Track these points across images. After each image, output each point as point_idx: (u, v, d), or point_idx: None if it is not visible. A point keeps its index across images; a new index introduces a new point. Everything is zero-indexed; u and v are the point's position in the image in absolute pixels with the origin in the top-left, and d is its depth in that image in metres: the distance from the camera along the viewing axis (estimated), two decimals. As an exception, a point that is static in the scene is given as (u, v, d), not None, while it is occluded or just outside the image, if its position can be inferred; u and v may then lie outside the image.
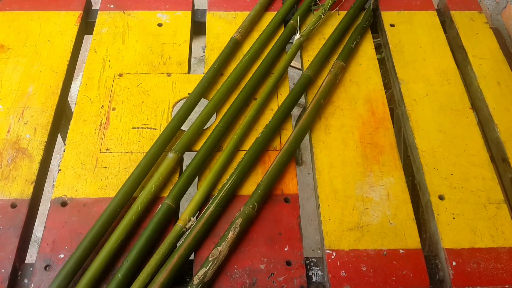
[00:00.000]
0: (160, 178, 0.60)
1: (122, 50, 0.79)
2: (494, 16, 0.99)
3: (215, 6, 0.87)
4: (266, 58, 0.75)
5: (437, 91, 0.74)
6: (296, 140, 0.65)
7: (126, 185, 0.60)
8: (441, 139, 0.69)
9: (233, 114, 0.68)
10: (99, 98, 0.72)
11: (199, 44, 1.70)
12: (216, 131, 0.65)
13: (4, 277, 0.54)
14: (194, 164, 0.62)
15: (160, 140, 0.64)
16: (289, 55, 0.75)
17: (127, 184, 0.60)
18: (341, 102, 0.73)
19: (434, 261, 0.59)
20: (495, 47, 0.81)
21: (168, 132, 0.65)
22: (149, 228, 0.56)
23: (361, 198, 0.62)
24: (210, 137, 0.65)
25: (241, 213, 0.58)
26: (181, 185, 0.60)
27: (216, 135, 0.65)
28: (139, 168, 0.61)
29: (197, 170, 0.62)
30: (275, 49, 0.76)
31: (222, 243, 0.55)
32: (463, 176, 0.65)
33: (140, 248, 0.54)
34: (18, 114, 0.69)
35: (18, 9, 0.84)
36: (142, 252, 0.54)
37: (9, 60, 0.76)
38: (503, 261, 0.57)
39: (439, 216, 0.61)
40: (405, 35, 0.83)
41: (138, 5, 0.86)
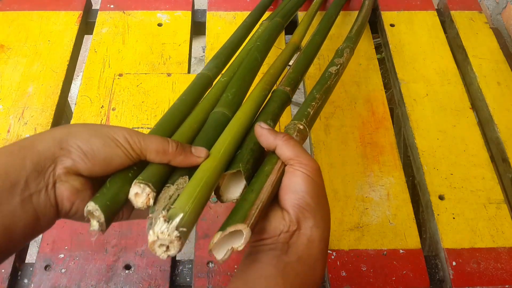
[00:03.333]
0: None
1: (122, 50, 0.79)
2: (494, 16, 0.99)
3: (215, 6, 0.87)
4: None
5: (437, 91, 0.74)
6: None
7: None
8: (441, 139, 0.69)
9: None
10: (99, 98, 0.72)
11: (199, 44, 1.70)
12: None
13: (4, 277, 0.54)
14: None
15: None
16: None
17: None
18: (341, 102, 0.73)
19: (434, 261, 0.59)
20: (495, 47, 0.81)
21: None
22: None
23: (361, 198, 0.62)
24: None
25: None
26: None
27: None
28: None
29: None
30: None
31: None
32: (463, 176, 0.65)
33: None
34: (18, 114, 0.69)
35: (18, 9, 0.84)
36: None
37: (9, 60, 0.76)
38: (503, 261, 0.57)
39: (439, 216, 0.61)
40: (405, 35, 0.83)
41: (138, 5, 0.86)
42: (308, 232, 0.35)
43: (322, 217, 0.36)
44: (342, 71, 0.59)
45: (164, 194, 0.36)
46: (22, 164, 0.33)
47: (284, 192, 0.37)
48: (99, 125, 0.37)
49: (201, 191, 0.35)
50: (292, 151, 0.38)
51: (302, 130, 0.45)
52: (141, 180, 0.35)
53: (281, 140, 0.39)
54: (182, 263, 0.58)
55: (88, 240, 0.57)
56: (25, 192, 0.33)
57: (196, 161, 0.38)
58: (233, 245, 0.35)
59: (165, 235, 0.32)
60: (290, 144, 0.39)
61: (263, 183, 0.38)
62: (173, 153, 0.37)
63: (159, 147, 0.36)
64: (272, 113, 0.47)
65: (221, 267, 0.55)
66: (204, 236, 0.58)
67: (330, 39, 0.81)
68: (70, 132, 0.35)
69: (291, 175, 0.37)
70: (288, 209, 0.36)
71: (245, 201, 0.37)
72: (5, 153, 0.33)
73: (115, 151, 0.35)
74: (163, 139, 0.37)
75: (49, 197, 0.34)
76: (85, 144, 0.34)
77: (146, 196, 0.35)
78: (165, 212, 0.33)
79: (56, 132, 0.35)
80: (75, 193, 0.34)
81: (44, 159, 0.33)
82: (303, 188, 0.36)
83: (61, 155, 0.34)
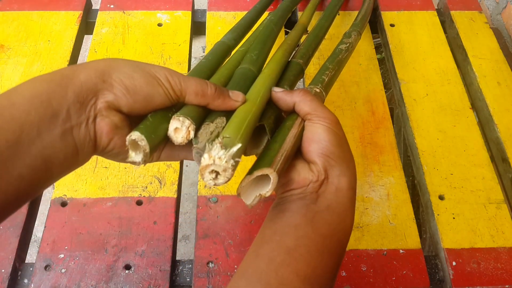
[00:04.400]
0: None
1: (122, 50, 0.79)
2: (494, 16, 0.99)
3: (215, 6, 0.87)
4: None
5: (437, 91, 0.74)
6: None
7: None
8: (441, 139, 0.68)
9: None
10: (99, 98, 0.71)
11: (199, 44, 1.70)
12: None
13: (4, 277, 0.54)
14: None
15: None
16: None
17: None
18: (341, 102, 0.73)
19: (434, 261, 0.59)
20: (495, 47, 0.81)
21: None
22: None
23: (361, 198, 0.62)
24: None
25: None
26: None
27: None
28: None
29: None
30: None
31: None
32: (463, 176, 0.65)
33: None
34: (18, 114, 0.69)
35: (18, 9, 0.84)
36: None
37: (9, 60, 0.76)
38: (503, 261, 0.57)
39: (439, 216, 0.61)
40: (405, 35, 0.83)
41: (138, 5, 0.86)
42: (335, 180, 0.35)
43: (348, 166, 0.36)
44: (352, 49, 0.61)
45: (205, 130, 0.36)
46: (64, 93, 0.32)
47: (307, 144, 0.37)
48: (140, 62, 0.36)
49: (247, 128, 0.35)
50: (310, 106, 0.39)
51: (318, 93, 0.46)
52: (180, 114, 0.35)
53: (298, 97, 0.40)
54: (182, 263, 0.58)
55: (88, 240, 0.57)
56: (66, 123, 0.32)
57: (234, 105, 0.38)
58: (260, 191, 0.35)
59: (222, 161, 0.32)
60: (308, 99, 0.39)
61: (286, 135, 0.38)
62: (212, 95, 0.36)
63: (198, 88, 0.36)
64: (288, 80, 0.48)
65: (221, 267, 0.55)
66: (204, 236, 0.58)
67: (330, 39, 0.81)
68: (113, 65, 0.34)
69: (312, 127, 0.38)
70: (315, 159, 0.36)
71: (269, 149, 0.37)
72: (46, 81, 0.32)
73: (157, 90, 0.34)
74: (203, 81, 0.37)
75: (89, 131, 0.33)
76: (128, 79, 0.34)
77: (186, 129, 0.35)
78: (220, 139, 0.33)
79: (99, 64, 0.34)
80: (114, 129, 0.34)
81: (86, 91, 0.32)
82: (326, 138, 0.36)
83: (103, 88, 0.33)
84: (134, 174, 0.63)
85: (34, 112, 0.30)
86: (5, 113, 0.30)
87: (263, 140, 0.40)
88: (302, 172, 0.36)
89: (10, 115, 0.30)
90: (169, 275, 0.55)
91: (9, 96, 0.31)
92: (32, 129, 0.30)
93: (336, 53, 0.58)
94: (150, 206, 0.60)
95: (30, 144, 0.30)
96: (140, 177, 0.63)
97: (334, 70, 0.54)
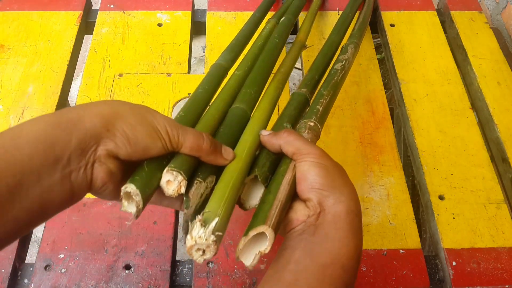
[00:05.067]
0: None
1: (122, 50, 0.79)
2: (494, 16, 0.99)
3: (215, 6, 0.87)
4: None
5: (437, 91, 0.74)
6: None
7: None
8: (441, 139, 0.68)
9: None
10: (99, 98, 0.72)
11: (199, 44, 1.70)
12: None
13: (4, 277, 0.54)
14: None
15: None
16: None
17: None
18: (341, 102, 0.73)
19: (434, 261, 0.59)
20: (495, 47, 0.81)
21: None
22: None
23: (361, 198, 0.62)
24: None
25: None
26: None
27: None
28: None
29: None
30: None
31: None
32: (463, 176, 0.65)
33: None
34: (18, 114, 0.69)
35: (18, 9, 0.84)
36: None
37: (9, 60, 0.76)
38: (503, 261, 0.57)
39: (439, 216, 0.61)
40: (405, 35, 0.83)
41: (138, 5, 0.86)
42: (331, 209, 0.36)
43: (342, 192, 0.36)
44: (349, 66, 0.60)
45: (196, 190, 0.37)
46: (67, 140, 0.32)
47: (299, 184, 0.38)
48: (143, 110, 0.37)
49: (230, 194, 0.36)
50: (294, 146, 0.39)
51: (313, 127, 0.46)
52: (174, 168, 0.36)
53: (281, 139, 0.40)
54: (182, 263, 0.58)
55: (88, 240, 0.57)
56: (66, 168, 0.32)
57: (224, 163, 0.39)
58: (260, 249, 0.35)
59: (203, 239, 0.33)
60: (291, 139, 0.40)
61: (280, 183, 0.38)
62: (206, 151, 0.37)
63: (195, 144, 0.37)
64: (288, 116, 0.48)
65: (221, 267, 0.55)
66: (204, 236, 0.58)
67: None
68: (119, 113, 0.35)
69: (300, 167, 0.38)
70: (308, 196, 0.37)
71: (263, 203, 0.37)
72: (51, 124, 0.32)
73: (156, 143, 0.35)
74: (199, 136, 0.38)
75: (86, 176, 0.34)
76: (131, 131, 0.34)
77: (178, 184, 0.36)
78: (201, 216, 0.34)
79: (105, 110, 0.34)
80: (109, 174, 0.35)
81: (89, 138, 0.33)
82: (313, 173, 0.37)
83: (105, 136, 0.34)
84: (134, 174, 0.63)
85: (37, 157, 0.31)
86: (8, 156, 0.30)
87: (260, 189, 0.41)
88: (299, 211, 0.37)
89: (13, 158, 0.30)
90: (169, 275, 0.55)
91: (14, 136, 0.31)
92: (33, 174, 0.31)
93: (331, 75, 0.56)
94: (150, 206, 0.60)
95: (29, 188, 0.31)
96: (140, 177, 0.63)
97: (329, 96, 0.52)
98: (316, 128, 0.46)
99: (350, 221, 0.35)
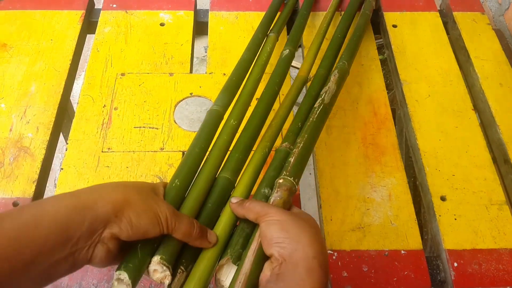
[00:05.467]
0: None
1: (124, 49, 0.79)
2: (496, 17, 0.99)
3: (217, 6, 0.87)
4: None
5: (439, 92, 0.74)
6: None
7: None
8: (443, 140, 0.68)
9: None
10: (101, 97, 0.72)
11: (201, 44, 1.70)
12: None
13: (5, 275, 0.54)
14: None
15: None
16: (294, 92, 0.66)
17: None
18: (343, 102, 0.73)
19: (435, 262, 0.59)
20: (498, 49, 0.81)
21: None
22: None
23: (363, 199, 0.62)
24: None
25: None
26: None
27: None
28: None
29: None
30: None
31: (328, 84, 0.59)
32: (465, 177, 0.65)
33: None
34: (21, 113, 0.69)
35: (21, 8, 0.84)
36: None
37: (12, 59, 0.76)
38: (505, 262, 0.57)
39: (441, 217, 0.61)
40: (407, 36, 0.83)
41: (141, 5, 0.86)
42: (291, 259, 0.39)
43: (298, 241, 0.39)
44: (332, 96, 0.58)
45: (177, 281, 0.41)
46: (81, 223, 0.36)
47: (263, 244, 0.41)
48: (150, 197, 0.41)
49: (203, 281, 0.41)
50: (253, 213, 0.43)
51: (282, 183, 0.47)
52: (164, 261, 0.40)
53: (244, 209, 0.44)
54: (183, 262, 0.58)
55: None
56: (74, 247, 0.36)
57: (208, 246, 0.43)
58: None
59: None
60: (250, 207, 0.44)
61: (245, 255, 0.41)
62: (195, 237, 0.42)
63: (186, 231, 0.41)
64: (268, 178, 0.49)
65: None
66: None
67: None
68: (129, 202, 0.39)
69: (260, 230, 0.42)
70: (270, 252, 0.40)
71: (233, 280, 0.41)
72: (67, 208, 0.36)
73: (155, 229, 0.39)
74: (191, 224, 0.42)
75: (88, 253, 0.37)
76: (136, 218, 0.38)
77: (163, 276, 0.40)
78: None
79: (117, 197, 0.38)
80: (108, 253, 0.38)
81: (99, 222, 0.37)
82: (269, 230, 0.41)
83: (113, 221, 0.38)
84: (136, 174, 0.63)
85: (52, 237, 0.35)
86: (29, 234, 0.34)
87: (235, 268, 0.43)
88: (266, 268, 0.41)
89: (32, 237, 0.34)
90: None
91: (36, 214, 0.35)
92: (47, 252, 0.35)
93: (304, 112, 0.57)
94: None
95: (41, 263, 0.34)
96: (142, 176, 0.63)
97: (302, 142, 0.51)
98: (286, 182, 0.46)
99: (307, 265, 0.38)
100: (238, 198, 0.46)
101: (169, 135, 0.68)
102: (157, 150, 0.66)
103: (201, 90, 0.74)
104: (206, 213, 0.47)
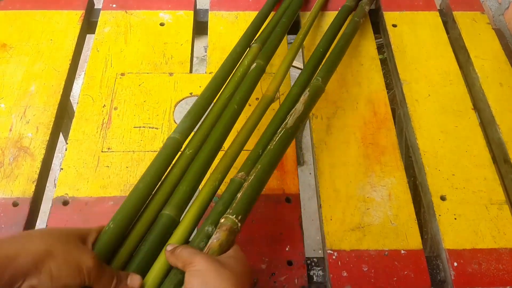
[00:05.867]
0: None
1: (124, 49, 0.79)
2: (496, 16, 0.99)
3: (217, 6, 0.87)
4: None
5: (439, 92, 0.74)
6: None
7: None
8: (443, 139, 0.68)
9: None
10: (101, 97, 0.72)
11: (201, 44, 1.70)
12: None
13: (5, 275, 0.54)
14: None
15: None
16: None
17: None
18: (343, 102, 0.73)
19: (435, 261, 0.59)
20: (498, 48, 0.81)
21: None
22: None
23: (363, 199, 0.62)
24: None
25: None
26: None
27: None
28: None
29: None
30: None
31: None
32: (464, 176, 0.64)
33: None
34: (20, 113, 0.69)
35: (20, 8, 0.84)
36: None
37: (12, 59, 0.76)
38: (505, 262, 0.57)
39: (441, 216, 0.61)
40: (407, 35, 0.83)
41: (140, 5, 0.86)
42: None
43: (214, 285, 0.39)
44: (298, 121, 0.54)
45: None
46: (0, 276, 0.36)
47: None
48: (74, 247, 0.40)
49: None
50: (180, 261, 0.43)
51: (222, 223, 0.45)
52: None
53: (174, 256, 0.43)
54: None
55: (89, 239, 0.57)
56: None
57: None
58: None
59: None
60: (179, 255, 0.43)
61: None
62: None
63: (105, 284, 0.41)
64: (213, 216, 0.47)
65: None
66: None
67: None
68: (51, 253, 0.38)
69: (185, 280, 0.41)
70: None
71: None
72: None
73: (75, 281, 0.39)
74: (111, 276, 0.41)
75: None
76: (57, 270, 0.38)
77: None
78: None
79: (39, 248, 0.38)
80: None
81: (19, 275, 0.36)
82: (190, 281, 0.40)
83: (32, 273, 0.37)
84: (136, 173, 0.63)
85: None
86: None
87: None
88: None
89: None
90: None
91: None
92: None
93: (268, 137, 0.54)
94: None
95: None
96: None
97: (254, 173, 0.48)
98: (227, 222, 0.45)
99: None
100: (173, 245, 0.45)
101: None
102: (157, 150, 0.66)
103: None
104: (141, 256, 0.45)
